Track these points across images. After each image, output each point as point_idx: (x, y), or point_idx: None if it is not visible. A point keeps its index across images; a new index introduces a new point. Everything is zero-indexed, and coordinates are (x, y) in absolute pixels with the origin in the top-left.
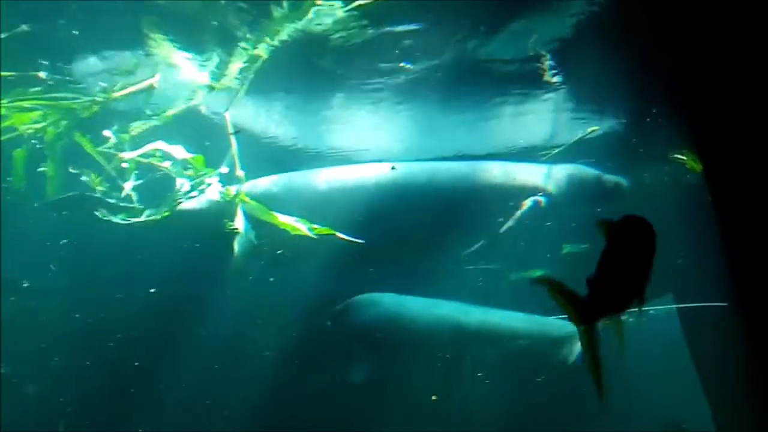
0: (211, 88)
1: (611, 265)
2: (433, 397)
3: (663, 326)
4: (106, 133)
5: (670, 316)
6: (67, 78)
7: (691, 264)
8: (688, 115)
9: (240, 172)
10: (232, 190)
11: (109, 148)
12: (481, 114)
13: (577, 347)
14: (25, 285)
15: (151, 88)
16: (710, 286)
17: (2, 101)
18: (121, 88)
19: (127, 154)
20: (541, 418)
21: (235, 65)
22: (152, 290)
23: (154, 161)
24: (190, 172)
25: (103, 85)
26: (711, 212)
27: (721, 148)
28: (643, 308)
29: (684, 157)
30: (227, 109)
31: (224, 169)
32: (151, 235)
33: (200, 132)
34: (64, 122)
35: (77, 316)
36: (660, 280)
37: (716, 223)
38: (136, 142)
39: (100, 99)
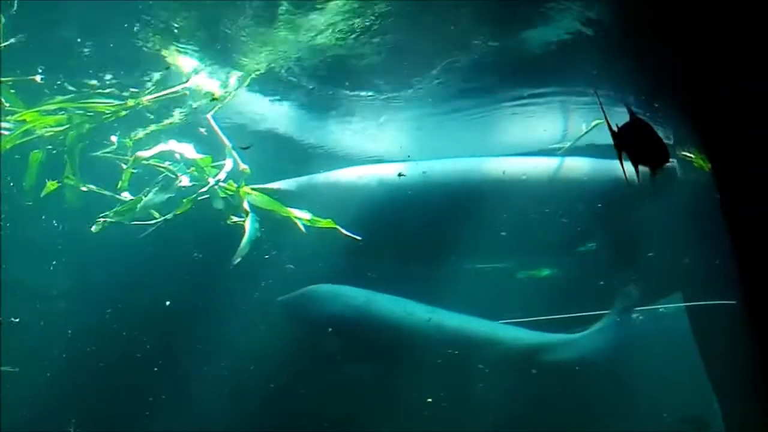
0: (213, 98)
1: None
2: (429, 399)
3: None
4: (113, 138)
5: (680, 314)
6: (92, 83)
7: (700, 263)
8: (697, 114)
9: (243, 166)
10: (234, 184)
11: (108, 153)
12: (493, 112)
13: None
14: (31, 288)
15: (183, 94)
16: (719, 284)
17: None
18: (147, 94)
19: (143, 153)
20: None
21: (235, 74)
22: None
23: (154, 162)
24: (192, 170)
25: (134, 90)
26: (719, 211)
27: (730, 147)
28: (653, 306)
29: (692, 155)
30: (208, 112)
31: (228, 163)
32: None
33: (202, 137)
34: (87, 126)
35: (78, 319)
36: (669, 279)
37: (725, 221)
38: (137, 147)
39: (130, 104)
